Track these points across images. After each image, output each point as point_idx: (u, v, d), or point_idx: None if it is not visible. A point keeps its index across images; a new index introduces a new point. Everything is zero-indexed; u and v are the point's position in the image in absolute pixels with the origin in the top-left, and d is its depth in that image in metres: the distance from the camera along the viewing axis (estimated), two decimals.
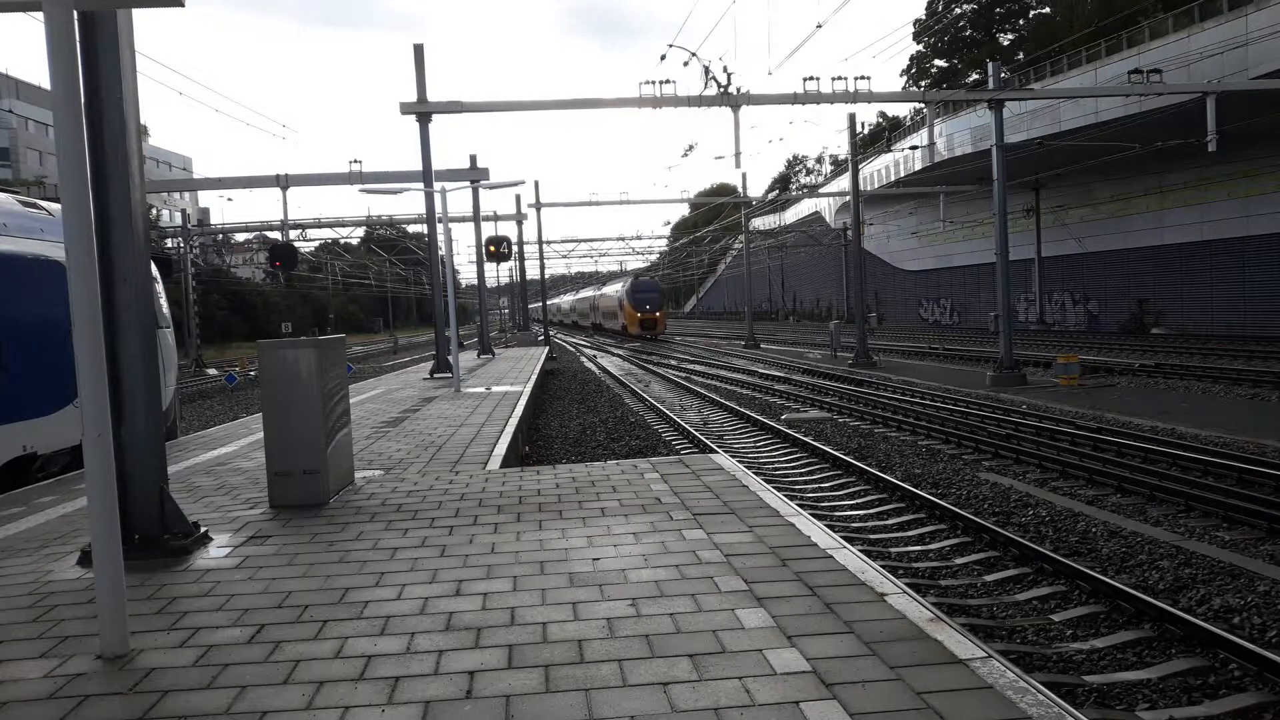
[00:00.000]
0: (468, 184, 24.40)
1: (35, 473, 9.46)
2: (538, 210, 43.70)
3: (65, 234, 4.14)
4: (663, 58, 54.56)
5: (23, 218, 9.79)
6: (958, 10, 65.47)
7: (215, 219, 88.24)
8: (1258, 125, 26.33)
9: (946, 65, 66.10)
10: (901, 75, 70.28)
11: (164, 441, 6.30)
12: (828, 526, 6.47)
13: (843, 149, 51.69)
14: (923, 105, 29.71)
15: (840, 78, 20.91)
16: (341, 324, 77.93)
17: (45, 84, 4.59)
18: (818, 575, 4.99)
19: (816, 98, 20.93)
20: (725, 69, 22.32)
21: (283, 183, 24.67)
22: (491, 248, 28.76)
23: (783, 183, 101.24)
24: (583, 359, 42.98)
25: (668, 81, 20.42)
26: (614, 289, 70.10)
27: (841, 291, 64.65)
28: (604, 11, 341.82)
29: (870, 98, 21.71)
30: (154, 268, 13.14)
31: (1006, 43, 63.11)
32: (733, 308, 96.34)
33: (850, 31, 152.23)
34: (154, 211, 70.16)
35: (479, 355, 32.92)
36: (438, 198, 19.54)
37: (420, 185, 20.71)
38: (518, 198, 41.54)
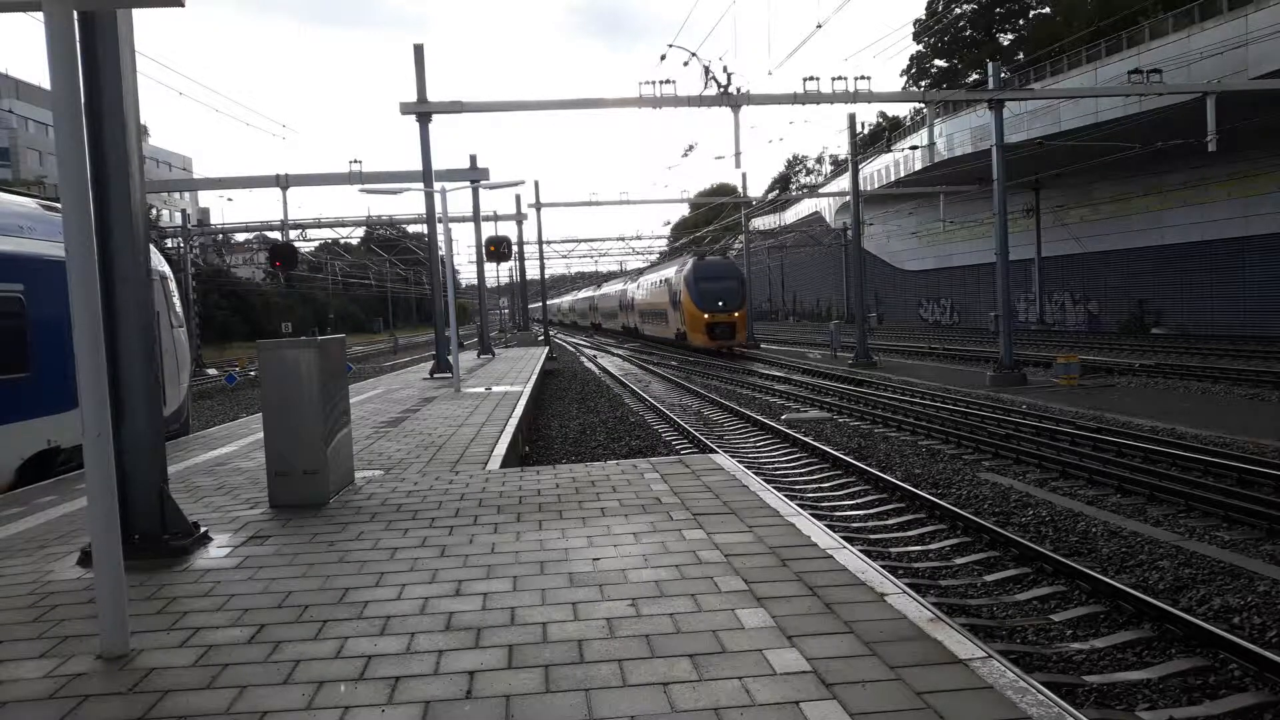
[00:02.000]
0: (468, 184, 24.41)
1: (58, 465, 9.70)
2: (538, 210, 43.76)
3: (65, 234, 4.14)
4: (663, 58, 54.59)
5: (45, 221, 10.03)
6: (958, 10, 65.44)
7: (215, 219, 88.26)
8: (1257, 125, 26.34)
9: (946, 65, 66.08)
10: (901, 75, 70.29)
11: (164, 441, 6.30)
12: (828, 526, 6.47)
13: (843, 149, 51.63)
14: (923, 105, 29.74)
15: (840, 78, 20.93)
16: (341, 324, 77.96)
17: (45, 84, 4.58)
18: (818, 575, 4.99)
19: (816, 98, 20.93)
20: (725, 69, 22.34)
21: (283, 183, 24.68)
22: (491, 248, 28.71)
23: (783, 183, 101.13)
24: (582, 359, 42.99)
25: (668, 81, 20.45)
26: (661, 277, 48.37)
27: (842, 291, 64.62)
28: (607, 11, 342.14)
29: (870, 98, 21.72)
30: (166, 266, 13.66)
31: (1006, 43, 63.07)
32: None
33: (850, 31, 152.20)
34: (154, 211, 70.13)
35: (479, 355, 32.92)
36: (438, 198, 19.55)
37: (420, 185, 20.71)
38: (518, 198, 41.59)
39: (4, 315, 9.32)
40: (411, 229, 56.48)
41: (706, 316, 38.27)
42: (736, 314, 38.65)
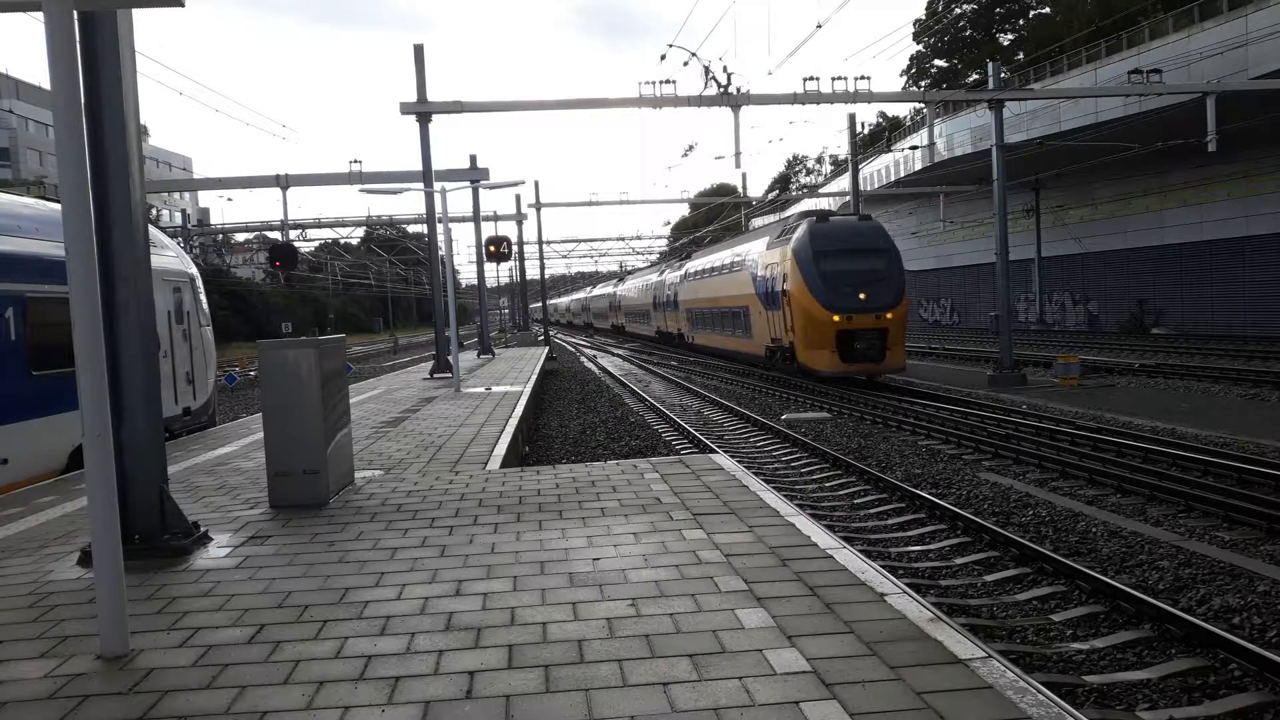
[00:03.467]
0: (468, 184, 24.42)
1: None
2: (538, 210, 43.78)
3: (65, 234, 4.15)
4: (663, 58, 54.68)
5: None
6: (958, 10, 65.44)
7: (215, 219, 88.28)
8: (1258, 125, 26.35)
9: (946, 65, 66.07)
10: (901, 75, 70.26)
11: (164, 441, 6.30)
12: (828, 526, 6.47)
13: (843, 149, 51.55)
14: (923, 105, 29.73)
15: (840, 78, 20.95)
16: (341, 324, 77.95)
17: (45, 84, 4.58)
18: (818, 575, 4.99)
19: (816, 98, 20.94)
20: (725, 69, 22.34)
21: (283, 183, 24.69)
22: (491, 248, 28.75)
23: (783, 183, 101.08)
24: (582, 359, 42.98)
25: (668, 81, 20.46)
26: (737, 256, 31.07)
27: None
28: (608, 11, 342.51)
29: (870, 98, 21.73)
30: (194, 269, 14.53)
31: (1006, 43, 63.08)
32: None
33: (850, 31, 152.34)
34: (154, 211, 70.13)
35: (479, 355, 32.94)
36: (438, 198, 19.56)
37: (420, 185, 20.72)
38: (518, 198, 41.61)
39: (58, 315, 9.70)
40: (411, 229, 56.59)
41: (837, 320, 22.57)
42: (890, 314, 22.87)
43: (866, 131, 61.00)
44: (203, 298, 14.61)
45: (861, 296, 22.86)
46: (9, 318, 9.42)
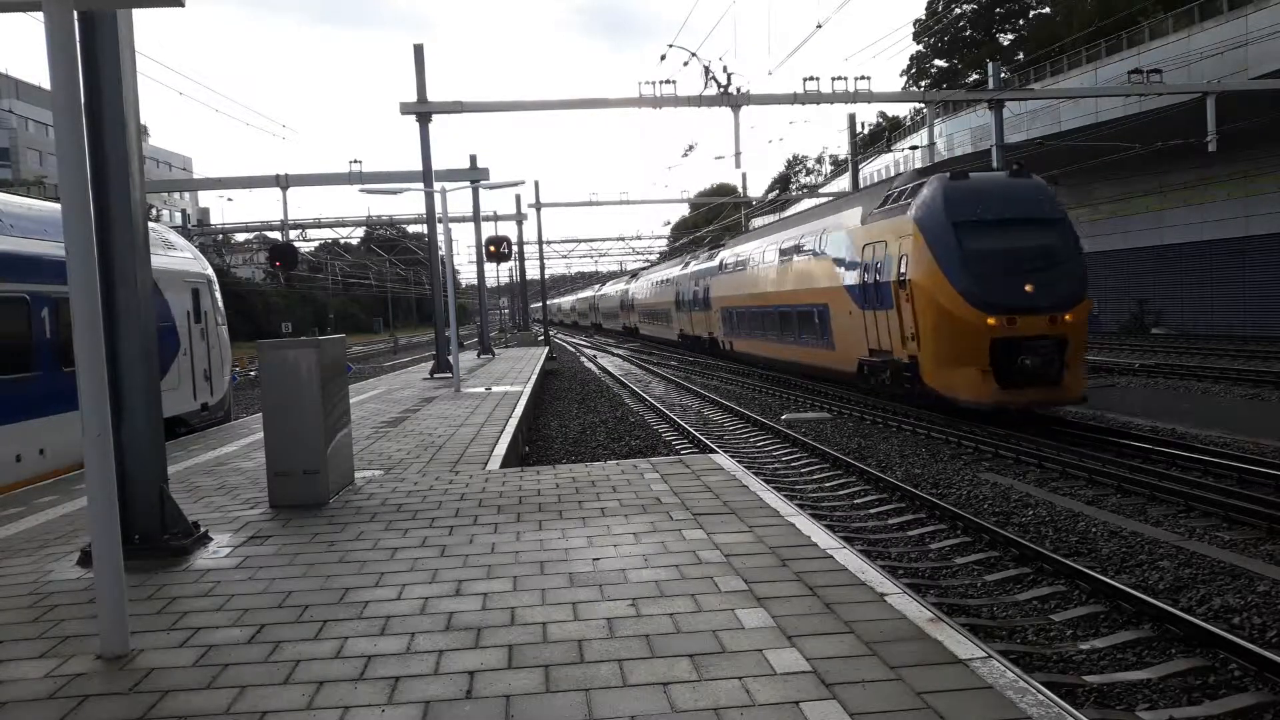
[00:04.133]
0: (468, 184, 24.44)
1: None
2: (538, 210, 43.80)
3: (65, 234, 4.15)
4: (663, 58, 54.64)
5: None
6: (958, 10, 65.45)
7: (215, 219, 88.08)
8: (1258, 125, 26.35)
9: (946, 65, 66.07)
10: (901, 75, 70.27)
11: (164, 441, 6.30)
12: (828, 526, 6.47)
13: (843, 149, 51.53)
14: (923, 105, 29.72)
15: (840, 78, 21.01)
16: (341, 324, 77.96)
17: (45, 84, 4.58)
18: (818, 575, 4.99)
19: (816, 98, 20.98)
20: (725, 69, 22.39)
21: (283, 183, 24.73)
22: (491, 248, 28.76)
23: (783, 183, 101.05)
24: (582, 359, 42.98)
25: (668, 81, 20.51)
26: (815, 234, 21.75)
27: None
28: (609, 10, 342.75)
29: (870, 98, 21.77)
30: (211, 270, 15.17)
31: (1006, 43, 63.09)
32: None
33: (850, 31, 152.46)
34: (154, 211, 70.06)
35: (479, 355, 32.95)
36: (438, 198, 19.57)
37: (420, 185, 20.74)
38: (518, 198, 41.62)
39: None
40: (411, 229, 56.58)
41: (993, 323, 15.34)
42: (1069, 315, 15.62)
43: (866, 131, 60.98)
44: (219, 297, 15.39)
45: (1028, 289, 15.50)
46: (44, 317, 9.83)
